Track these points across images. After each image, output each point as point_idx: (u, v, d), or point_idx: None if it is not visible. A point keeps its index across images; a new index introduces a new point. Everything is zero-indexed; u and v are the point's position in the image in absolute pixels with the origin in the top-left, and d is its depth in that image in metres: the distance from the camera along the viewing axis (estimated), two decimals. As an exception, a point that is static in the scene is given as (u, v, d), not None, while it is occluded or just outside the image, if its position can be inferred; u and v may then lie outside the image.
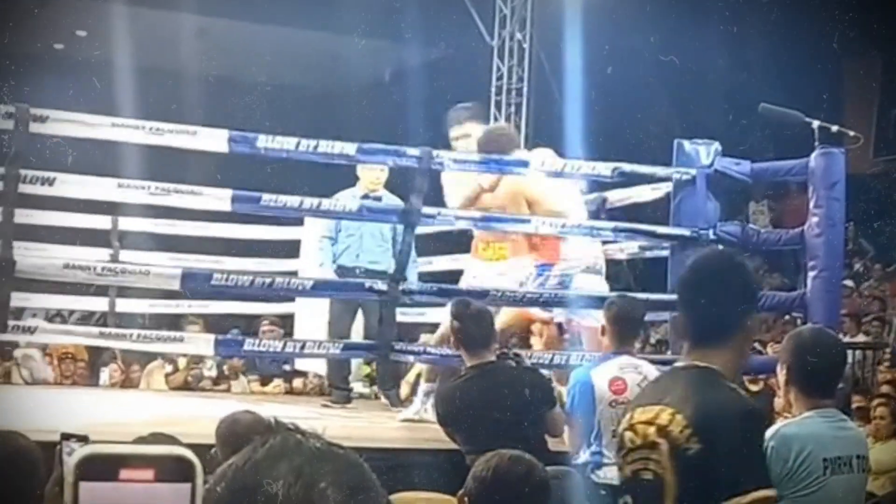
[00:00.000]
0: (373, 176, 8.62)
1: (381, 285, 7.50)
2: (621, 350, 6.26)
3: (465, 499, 3.75)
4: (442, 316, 7.65)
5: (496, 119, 14.12)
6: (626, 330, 6.35)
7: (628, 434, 3.28)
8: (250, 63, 14.15)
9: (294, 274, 9.28)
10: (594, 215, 8.69)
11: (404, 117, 12.11)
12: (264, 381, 10.59)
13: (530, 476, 3.75)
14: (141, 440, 3.51)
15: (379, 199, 8.58)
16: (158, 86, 12.57)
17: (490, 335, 5.98)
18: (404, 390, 9.42)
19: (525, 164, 8.05)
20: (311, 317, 9.54)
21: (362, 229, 8.63)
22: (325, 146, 7.33)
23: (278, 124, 8.13)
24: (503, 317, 7.73)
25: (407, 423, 7.55)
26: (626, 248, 9.01)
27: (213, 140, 7.20)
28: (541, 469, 3.85)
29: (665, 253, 8.54)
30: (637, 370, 6.17)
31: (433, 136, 8.26)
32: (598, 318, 6.77)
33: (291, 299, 9.69)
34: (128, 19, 12.59)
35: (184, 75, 13.34)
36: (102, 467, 1.17)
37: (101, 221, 10.01)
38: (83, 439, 3.82)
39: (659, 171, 8.32)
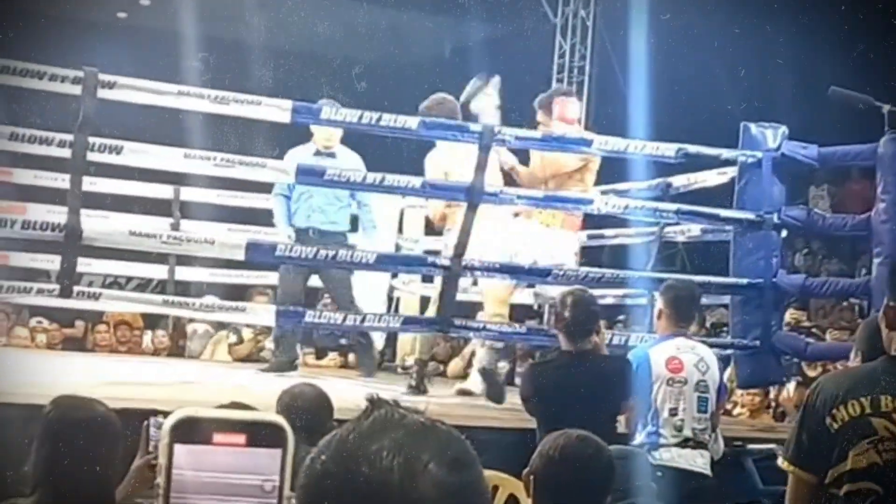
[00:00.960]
0: (326, 133, 8.63)
1: (444, 260, 7.50)
2: (677, 332, 6.26)
3: (531, 477, 3.73)
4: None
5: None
6: (681, 312, 6.36)
7: (880, 421, 3.29)
8: (313, 35, 14.14)
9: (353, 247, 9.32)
10: (657, 200, 8.66)
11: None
12: (319, 355, 10.61)
13: (598, 457, 3.73)
14: (221, 409, 3.51)
15: (332, 154, 8.64)
16: (221, 56, 12.61)
17: (593, 325, 5.95)
18: (458, 365, 9.43)
19: (588, 143, 8.02)
20: (369, 290, 9.57)
21: (312, 189, 8.47)
22: (388, 119, 7.32)
23: (340, 97, 8.12)
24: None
25: (466, 399, 7.55)
26: (687, 231, 8.97)
27: (277, 110, 7.21)
28: (608, 450, 3.83)
29: (727, 237, 8.50)
30: (693, 351, 6.20)
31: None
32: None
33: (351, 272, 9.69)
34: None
35: (246, 47, 13.36)
36: (197, 430, 1.19)
37: (163, 190, 10.06)
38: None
39: (724, 153, 8.26)
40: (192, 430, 1.19)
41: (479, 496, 1.53)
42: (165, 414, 3.64)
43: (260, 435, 1.21)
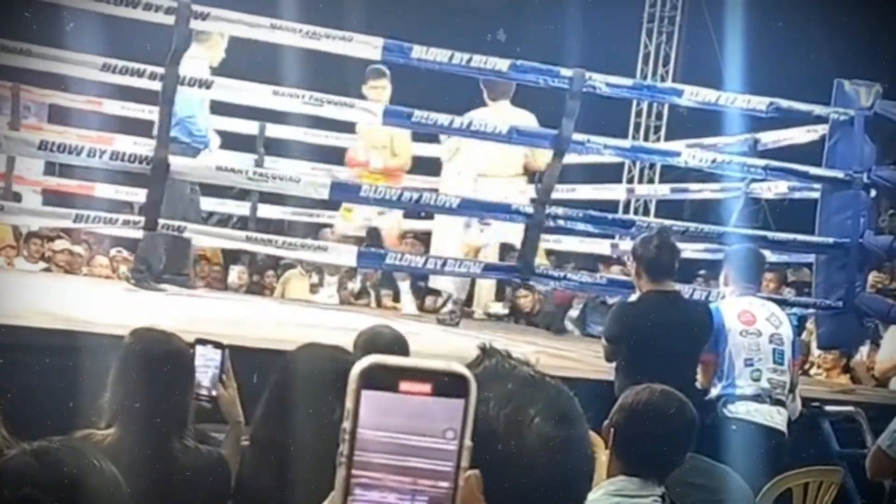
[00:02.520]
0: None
1: (528, 208, 7.47)
2: (745, 292, 6.22)
3: (612, 430, 3.70)
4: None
5: (646, 47, 13.93)
6: (747, 275, 6.33)
7: None
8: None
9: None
10: (744, 156, 8.57)
11: (555, 42, 11.97)
12: (397, 297, 10.65)
13: (681, 412, 3.70)
14: (303, 347, 3.51)
15: None
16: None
17: (674, 265, 5.93)
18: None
19: (679, 92, 7.96)
20: (450, 234, 9.56)
21: None
22: (479, 61, 7.31)
23: (428, 39, 8.06)
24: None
25: (543, 349, 7.53)
26: (774, 188, 8.86)
27: (368, 47, 7.22)
28: (690, 406, 3.80)
29: (814, 195, 8.39)
30: (764, 306, 6.21)
31: (582, 59, 8.13)
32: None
33: (432, 216, 9.67)
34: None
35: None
36: (384, 378, 1.21)
37: (248, 126, 10.09)
38: (219, 346, 3.87)
39: (816, 108, 8.13)
40: (379, 377, 1.21)
41: (581, 452, 1.53)
42: (215, 344, 3.66)
43: (444, 384, 1.22)
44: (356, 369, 1.21)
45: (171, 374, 3.39)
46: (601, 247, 9.85)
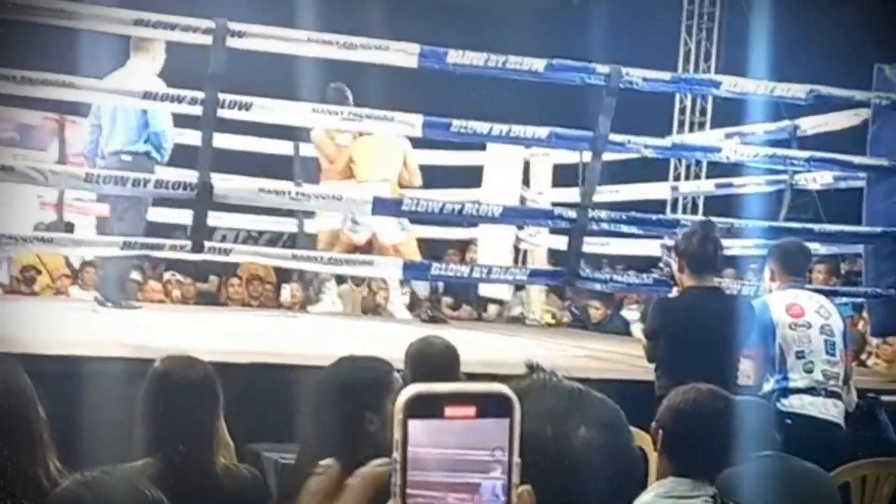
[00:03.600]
0: None
1: (570, 212, 7.47)
2: (792, 285, 6.18)
3: (659, 431, 3.71)
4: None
5: (686, 44, 13.88)
6: (792, 267, 6.29)
7: None
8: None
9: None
10: (785, 144, 8.52)
11: (591, 41, 11.96)
12: (455, 306, 10.69)
13: (728, 410, 3.70)
14: (343, 360, 3.54)
15: None
16: (340, 3, 12.66)
17: (716, 260, 5.91)
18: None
19: (717, 84, 7.96)
20: (495, 243, 9.60)
21: (115, 113, 7.99)
22: (515, 62, 7.31)
23: (463, 44, 8.08)
24: None
25: (589, 352, 7.53)
26: (820, 179, 8.80)
27: (404, 55, 7.22)
28: (737, 403, 3.80)
29: (860, 184, 8.33)
30: (812, 298, 6.16)
31: (621, 58, 8.11)
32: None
33: (475, 225, 9.70)
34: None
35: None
36: (429, 405, 1.24)
37: (283, 146, 10.13)
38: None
39: (857, 94, 8.08)
40: (424, 405, 1.23)
41: (629, 459, 1.57)
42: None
43: (488, 405, 1.25)
44: (401, 400, 1.24)
45: (202, 397, 3.41)
46: (650, 247, 9.82)
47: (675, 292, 6.11)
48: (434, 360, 4.52)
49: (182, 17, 6.80)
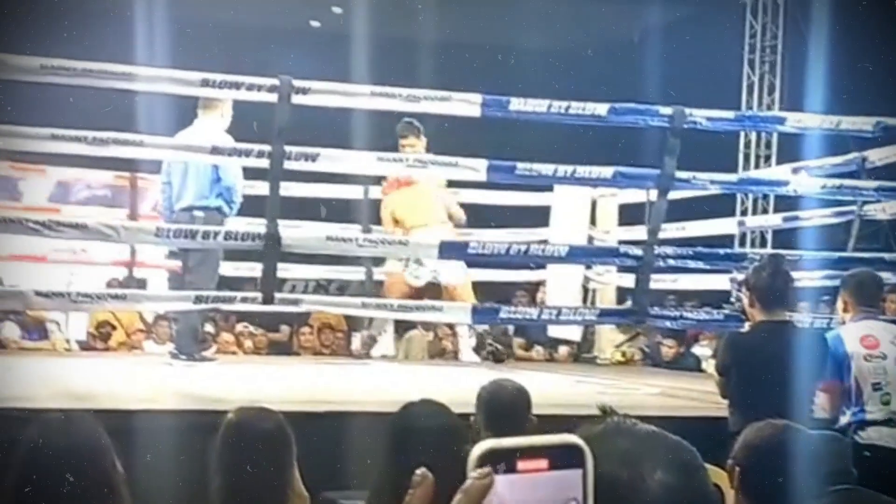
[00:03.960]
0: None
1: (636, 250, 7.46)
2: (865, 315, 6.11)
3: (736, 468, 3.68)
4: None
5: (749, 78, 13.83)
6: (865, 297, 6.20)
7: None
8: (494, 27, 14.19)
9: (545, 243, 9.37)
10: (854, 175, 8.46)
11: (654, 78, 11.96)
12: (526, 347, 10.69)
13: (803, 446, 3.66)
14: (410, 406, 3.57)
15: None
16: (407, 55, 12.77)
17: (788, 295, 5.87)
18: None
19: (781, 120, 7.92)
20: (564, 283, 9.61)
21: (186, 170, 8.12)
22: (577, 107, 7.34)
23: (523, 88, 8.12)
24: None
25: (662, 391, 7.50)
26: (889, 208, 8.72)
27: (466, 105, 7.28)
28: (814, 438, 3.77)
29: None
30: (886, 329, 6.05)
31: (685, 97, 8.12)
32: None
33: (544, 266, 9.70)
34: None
35: (430, 43, 13.48)
36: (501, 460, 1.24)
37: (354, 191, 10.20)
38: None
39: (925, 125, 8.02)
40: (497, 460, 1.24)
41: (705, 498, 1.58)
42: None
43: (560, 457, 1.26)
44: (473, 455, 1.24)
45: (276, 448, 3.42)
46: (719, 281, 9.78)
47: (746, 327, 6.07)
48: (506, 404, 4.53)
49: (247, 77, 6.91)
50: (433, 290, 8.91)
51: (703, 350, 10.60)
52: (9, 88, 6.89)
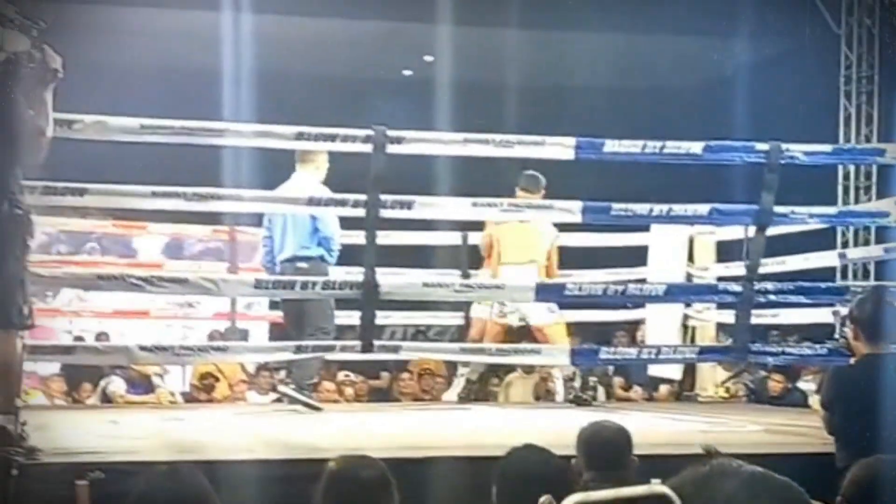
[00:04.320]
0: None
1: (735, 286, 7.41)
2: None
3: (845, 505, 3.63)
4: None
5: (846, 110, 13.68)
6: None
7: None
8: (586, 70, 14.21)
9: (643, 282, 9.33)
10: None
11: (749, 113, 11.89)
12: (626, 387, 10.63)
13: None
14: (515, 451, 3.57)
15: None
16: (499, 100, 12.85)
17: (893, 327, 5.77)
18: None
19: (881, 152, 7.84)
20: (663, 322, 9.54)
21: (286, 223, 8.18)
22: (672, 147, 7.33)
23: (616, 130, 8.11)
24: None
25: (766, 427, 7.41)
26: None
27: (561, 148, 7.30)
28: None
29: None
30: None
31: (780, 131, 8.05)
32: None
33: (642, 305, 9.65)
34: (472, 41, 12.93)
35: (520, 87, 13.53)
36: None
37: (452, 238, 10.24)
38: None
39: None
40: None
41: None
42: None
43: None
44: None
45: (377, 497, 3.43)
46: (821, 314, 9.64)
47: (852, 361, 5.98)
48: (606, 445, 4.51)
49: (342, 129, 7.00)
50: (522, 332, 8.91)
51: (807, 385, 10.45)
52: (110, 148, 7.06)
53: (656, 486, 1.25)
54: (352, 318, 7.59)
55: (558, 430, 4.72)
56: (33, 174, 5.25)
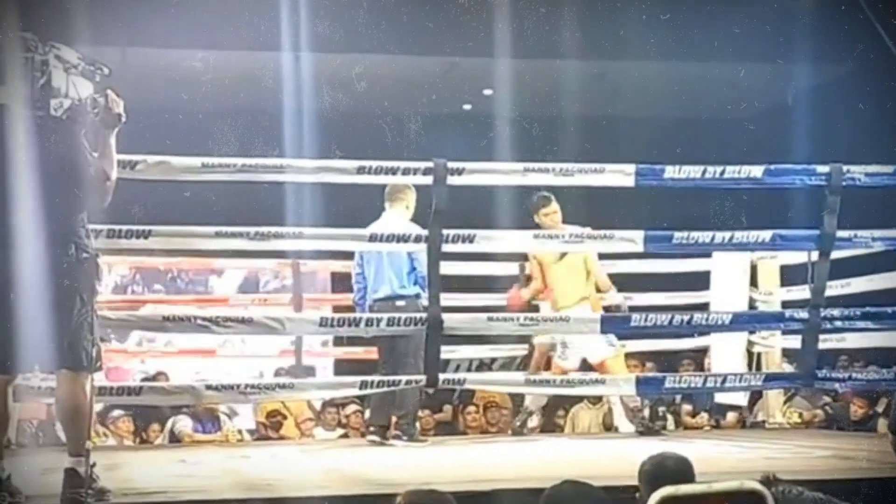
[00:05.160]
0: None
1: (801, 314, 7.37)
2: None
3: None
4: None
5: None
6: None
7: None
8: (647, 100, 14.21)
9: (705, 306, 9.31)
10: None
11: (810, 137, 11.84)
12: (693, 414, 10.57)
13: None
14: (555, 488, 3.57)
15: None
16: (558, 131, 12.88)
17: None
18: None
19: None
20: (729, 349, 9.48)
21: (381, 261, 8.26)
22: (732, 171, 7.34)
23: (674, 158, 8.11)
24: None
25: (835, 453, 7.35)
26: None
27: (621, 175, 7.33)
28: None
29: None
30: None
31: (841, 154, 8.01)
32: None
33: (707, 333, 9.60)
34: (530, 73, 12.97)
35: (582, 119, 13.55)
36: None
37: (511, 268, 10.23)
38: None
39: None
40: None
41: None
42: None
43: (742, 502, 1.28)
44: (652, 501, 1.27)
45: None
46: (890, 339, 9.53)
47: None
48: (669, 476, 4.49)
49: (402, 162, 7.05)
50: (585, 369, 8.90)
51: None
52: (172, 188, 7.18)
53: (748, 483, 1.27)
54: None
55: (630, 460, 4.70)
56: (99, 217, 5.34)
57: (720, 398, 10.10)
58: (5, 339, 4.74)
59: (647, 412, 9.60)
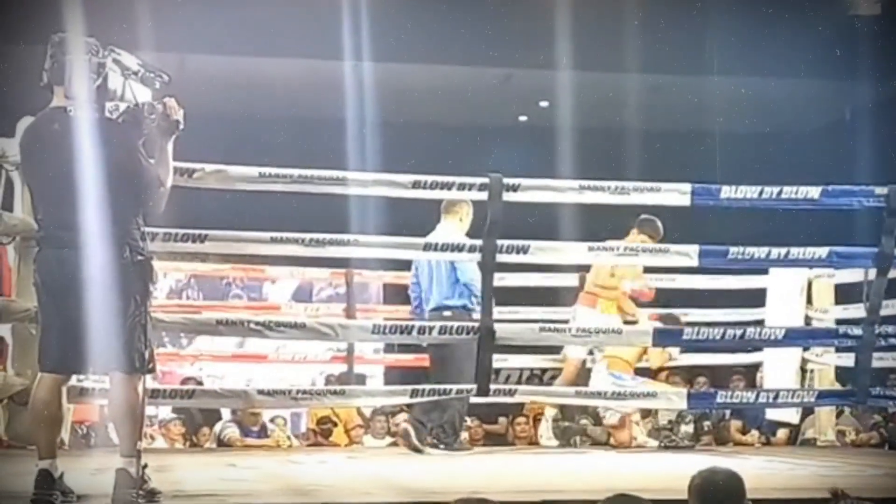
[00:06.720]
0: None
1: (856, 330, 7.32)
2: None
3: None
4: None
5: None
6: None
7: None
8: (701, 115, 14.14)
9: (760, 322, 9.25)
10: None
11: (867, 156, 11.77)
12: (743, 430, 10.50)
13: None
14: (608, 500, 3.56)
15: None
16: (615, 145, 12.87)
17: None
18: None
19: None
20: (781, 365, 9.43)
21: (431, 272, 8.39)
22: (789, 192, 7.29)
23: (733, 175, 8.08)
24: None
25: (888, 471, 7.28)
26: None
27: (677, 195, 7.29)
28: None
29: None
30: None
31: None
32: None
33: (760, 348, 9.55)
34: (587, 85, 12.96)
35: (636, 133, 13.55)
36: None
37: (570, 279, 10.22)
38: None
39: None
40: None
41: None
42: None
43: None
44: None
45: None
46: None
47: None
48: (719, 493, 4.47)
49: (458, 177, 7.07)
50: None
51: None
52: (229, 196, 7.24)
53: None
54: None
55: (680, 474, 4.69)
56: (154, 222, 5.37)
57: (772, 414, 10.03)
58: (59, 341, 4.80)
59: (691, 427, 9.56)
